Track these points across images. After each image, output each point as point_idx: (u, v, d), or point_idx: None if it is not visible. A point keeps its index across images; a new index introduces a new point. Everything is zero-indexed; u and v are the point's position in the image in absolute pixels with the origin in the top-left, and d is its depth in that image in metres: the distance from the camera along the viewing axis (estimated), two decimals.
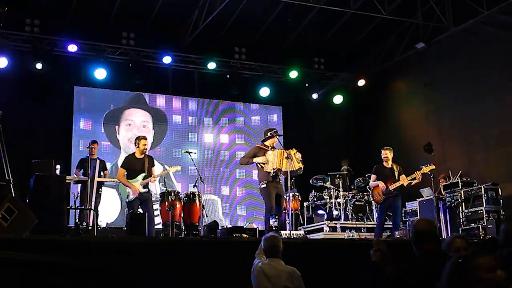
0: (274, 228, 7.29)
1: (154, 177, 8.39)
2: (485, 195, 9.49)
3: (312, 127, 13.82)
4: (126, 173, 8.40)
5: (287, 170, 7.80)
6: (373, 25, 12.74)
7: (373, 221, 10.43)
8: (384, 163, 9.02)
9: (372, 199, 9.47)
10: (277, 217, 7.55)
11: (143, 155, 8.42)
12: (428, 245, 3.51)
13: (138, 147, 8.36)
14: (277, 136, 8.15)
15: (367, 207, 10.61)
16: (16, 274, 5.27)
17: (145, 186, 8.26)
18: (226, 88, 13.09)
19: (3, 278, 5.20)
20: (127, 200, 8.24)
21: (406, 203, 11.10)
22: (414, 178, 8.84)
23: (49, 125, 11.35)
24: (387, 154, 8.97)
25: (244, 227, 9.87)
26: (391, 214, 9.26)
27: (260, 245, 5.11)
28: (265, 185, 7.87)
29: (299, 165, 7.88)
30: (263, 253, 5.01)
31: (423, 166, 8.98)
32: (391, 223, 9.22)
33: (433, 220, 8.02)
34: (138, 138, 8.45)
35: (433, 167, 9.04)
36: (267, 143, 8.14)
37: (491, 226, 8.76)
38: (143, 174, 8.26)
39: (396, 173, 8.86)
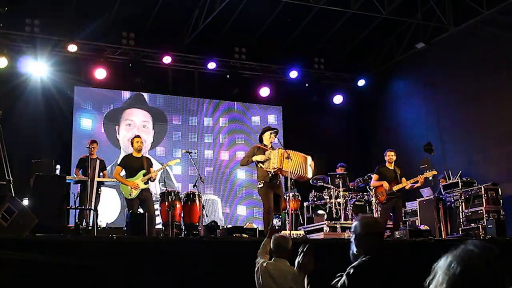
0: (277, 228, 7.27)
1: (155, 172, 8.46)
2: (485, 195, 9.50)
3: (312, 127, 13.81)
4: (124, 171, 8.48)
5: (288, 170, 7.75)
6: (373, 25, 12.74)
7: None
8: (387, 163, 9.08)
9: (374, 198, 9.47)
10: (280, 216, 7.53)
11: (140, 154, 8.56)
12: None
13: (133, 146, 8.59)
14: (271, 131, 8.05)
15: (367, 207, 10.58)
16: (16, 274, 5.27)
17: (146, 182, 8.33)
18: (226, 88, 13.09)
19: (3, 278, 5.20)
20: (129, 197, 8.24)
21: (406, 203, 11.11)
22: (417, 181, 8.93)
23: (49, 125, 11.34)
24: (393, 156, 9.04)
25: (244, 227, 9.85)
26: (392, 214, 9.30)
27: (263, 244, 5.15)
28: (262, 185, 7.81)
29: (309, 175, 7.91)
30: (265, 252, 5.02)
31: (426, 171, 9.06)
32: (391, 223, 9.26)
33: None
34: (132, 138, 8.70)
35: (435, 172, 9.13)
36: (264, 141, 8.08)
37: (491, 226, 8.76)
38: (143, 171, 8.33)
39: (398, 175, 8.96)
